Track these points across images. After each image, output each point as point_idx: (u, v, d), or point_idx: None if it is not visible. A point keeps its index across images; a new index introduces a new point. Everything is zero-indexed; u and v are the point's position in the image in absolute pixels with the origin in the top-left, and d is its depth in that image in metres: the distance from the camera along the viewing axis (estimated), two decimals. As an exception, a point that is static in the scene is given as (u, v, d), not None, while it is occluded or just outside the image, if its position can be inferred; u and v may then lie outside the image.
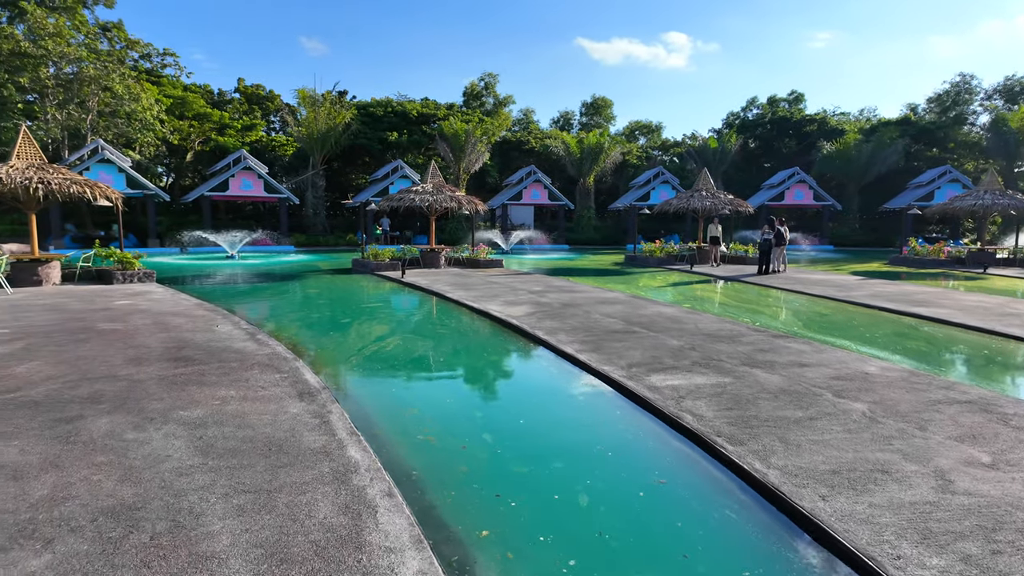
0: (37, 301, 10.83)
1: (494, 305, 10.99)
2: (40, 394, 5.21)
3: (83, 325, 8.51)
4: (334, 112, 36.13)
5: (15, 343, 7.26)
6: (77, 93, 30.23)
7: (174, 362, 6.45)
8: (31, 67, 28.61)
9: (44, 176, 12.53)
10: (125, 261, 14.33)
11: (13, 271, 13.02)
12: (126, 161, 30.30)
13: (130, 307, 10.26)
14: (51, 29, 28.88)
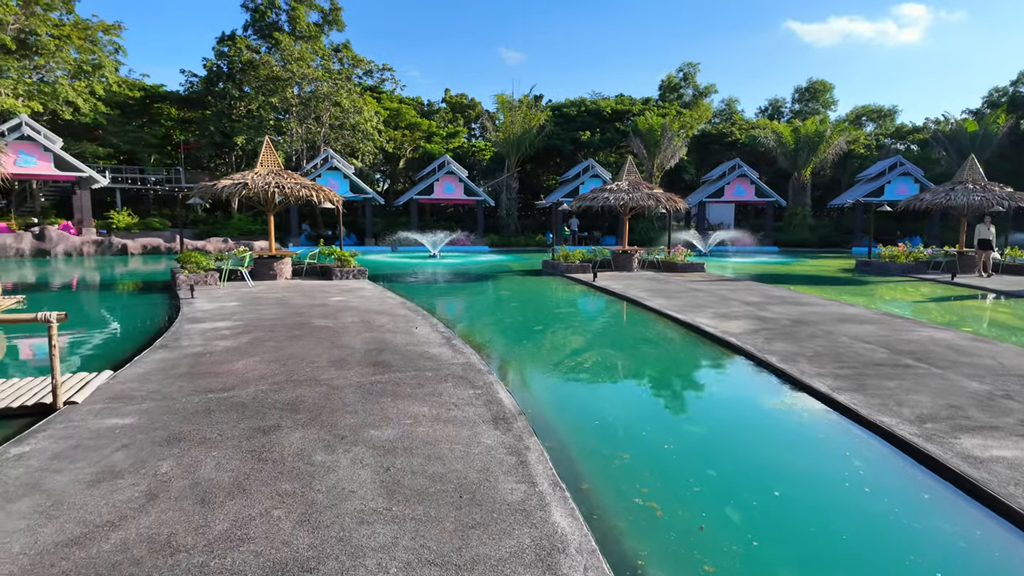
0: (270, 294, 11.94)
1: (703, 318, 9.53)
2: (248, 396, 5.20)
3: (300, 321, 8.96)
4: (529, 115, 36.64)
5: (242, 336, 7.75)
6: (314, 109, 34.54)
7: (372, 367, 6.23)
8: (281, 89, 33.29)
9: (280, 181, 13.94)
10: (343, 259, 15.48)
11: (256, 266, 14.73)
12: (350, 168, 33.84)
13: (342, 304, 10.76)
14: (297, 54, 33.32)
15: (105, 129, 32.44)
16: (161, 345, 7.20)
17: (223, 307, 10.23)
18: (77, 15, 31.03)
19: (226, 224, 31.04)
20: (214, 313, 9.58)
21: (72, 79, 29.61)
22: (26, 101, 27.40)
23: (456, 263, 23.58)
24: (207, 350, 6.94)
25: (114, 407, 4.86)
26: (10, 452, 3.93)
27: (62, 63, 28.66)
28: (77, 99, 28.74)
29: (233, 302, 10.81)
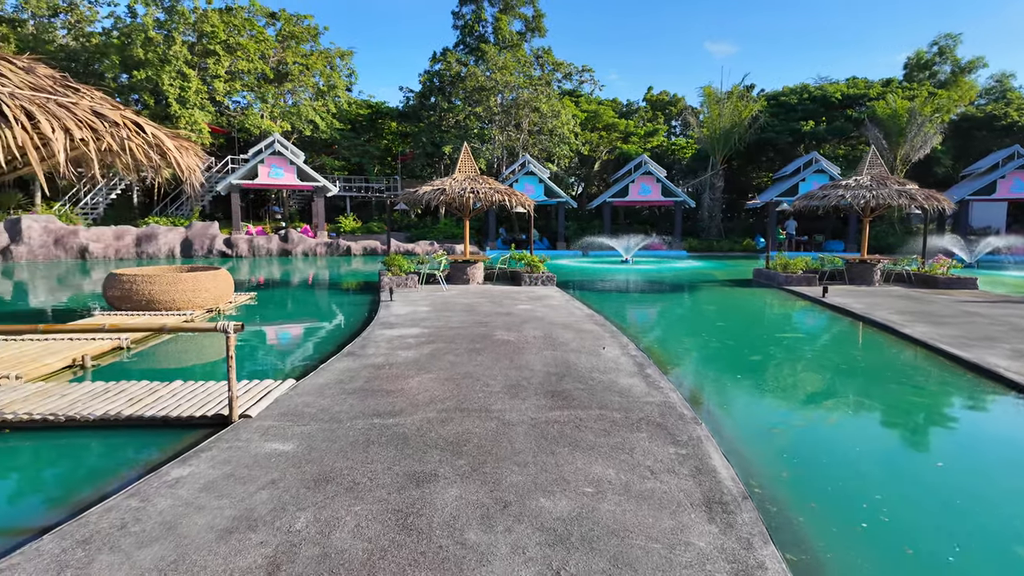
0: (460, 300, 11.81)
1: (998, 358, 6.98)
2: (413, 426, 4.59)
3: (484, 332, 8.44)
4: (739, 106, 33.31)
5: (425, 347, 7.39)
6: (514, 116, 35.34)
7: (551, 397, 5.30)
8: (485, 99, 34.62)
9: (475, 186, 13.89)
10: (532, 264, 15.02)
11: (452, 270, 14.92)
12: (545, 172, 33.96)
13: (527, 314, 10.11)
14: (500, 63, 34.37)
15: (339, 144, 36.80)
16: (348, 352, 7.11)
17: (415, 312, 10.22)
18: (319, 43, 35.66)
19: (433, 228, 33.13)
20: (405, 318, 9.54)
21: (312, 100, 34.03)
22: (279, 122, 32.09)
23: (650, 269, 21.98)
24: (388, 361, 6.64)
25: (280, 427, 4.57)
26: (171, 474, 3.71)
27: (305, 87, 33.07)
28: (316, 118, 32.93)
29: (425, 307, 10.79)
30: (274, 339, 9.18)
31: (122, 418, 4.76)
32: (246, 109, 32.64)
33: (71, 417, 4.72)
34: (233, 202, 27.77)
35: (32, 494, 3.96)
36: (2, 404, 4.97)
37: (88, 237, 23.49)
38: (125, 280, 9.57)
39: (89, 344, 7.22)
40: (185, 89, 26.95)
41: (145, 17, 27.09)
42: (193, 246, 25.27)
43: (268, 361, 7.65)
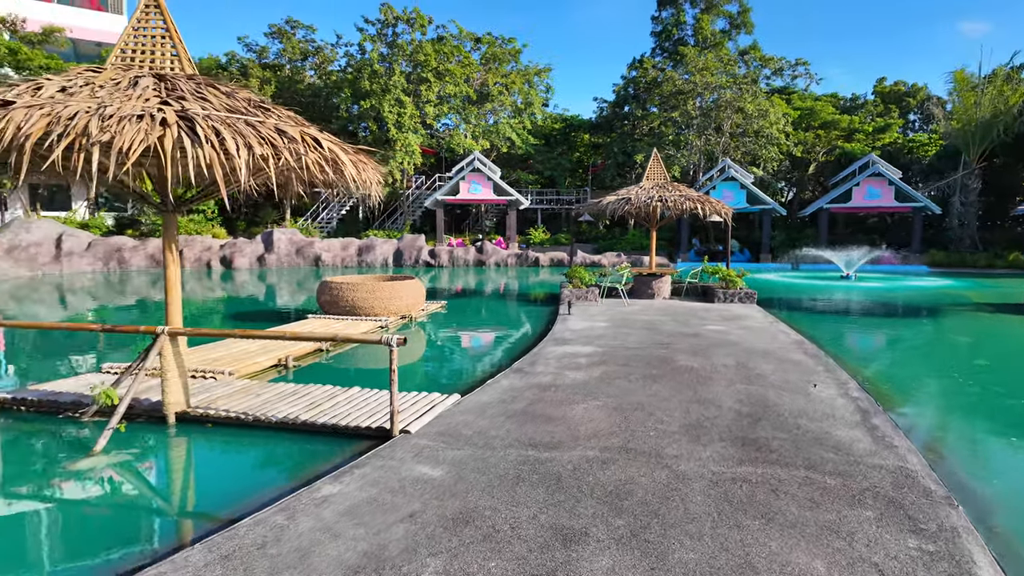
0: (641, 316, 11.00)
1: None
2: (570, 464, 4.05)
3: (664, 355, 7.60)
4: (1007, 90, 27.13)
5: (596, 368, 6.82)
6: (714, 119, 33.09)
7: (740, 446, 4.38)
8: (682, 103, 32.97)
9: (663, 194, 12.95)
10: (728, 279, 13.55)
11: (635, 284, 14.13)
12: (748, 178, 31.15)
13: (718, 336, 8.96)
14: (700, 65, 32.48)
15: (533, 158, 37.93)
16: (516, 369, 6.83)
17: (591, 328, 9.69)
18: (519, 62, 37.16)
19: (621, 239, 32.36)
20: (580, 334, 9.07)
21: (510, 117, 35.52)
22: (480, 140, 34.03)
23: (880, 288, 18.67)
24: (555, 382, 6.20)
25: (434, 448, 4.35)
26: (322, 491, 3.66)
27: (504, 106, 34.64)
28: (513, 135, 34.28)
29: (603, 322, 10.21)
30: (451, 348, 9.34)
31: (298, 422, 4.97)
32: (452, 130, 35.23)
33: (257, 417, 5.05)
34: (437, 216, 30.05)
35: (211, 488, 4.23)
36: (212, 399, 5.53)
37: (321, 247, 27.14)
38: (333, 287, 10.54)
39: (294, 345, 7.94)
40: (401, 115, 29.91)
41: (372, 53, 30.71)
42: (403, 256, 27.80)
43: (440, 371, 7.72)
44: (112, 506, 3.87)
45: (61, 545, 3.46)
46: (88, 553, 3.34)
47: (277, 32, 31.89)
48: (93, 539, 3.50)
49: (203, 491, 4.20)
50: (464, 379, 7.12)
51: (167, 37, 4.76)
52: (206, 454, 4.78)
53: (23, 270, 22.08)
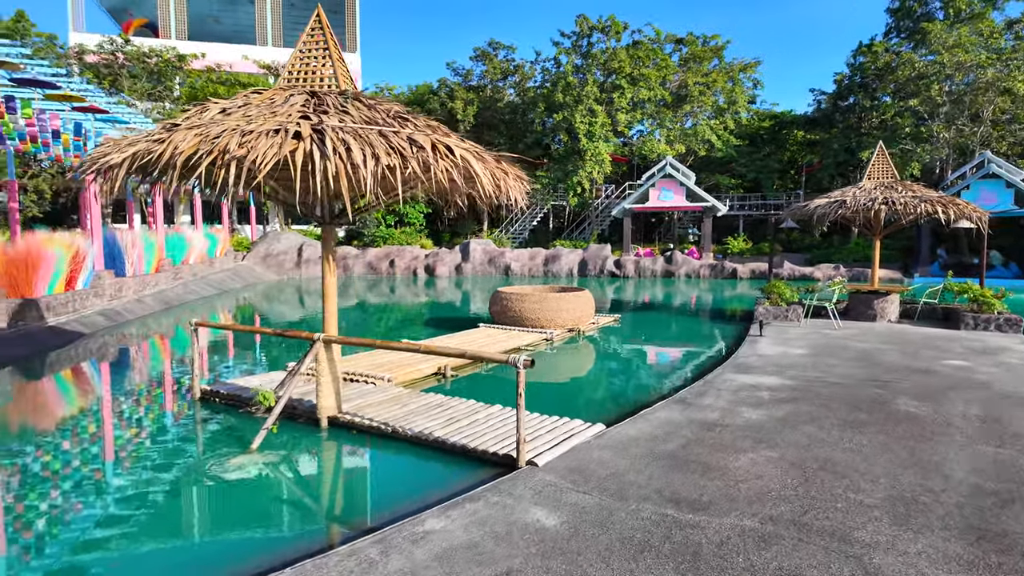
0: (854, 343, 9.15)
1: None
2: (715, 536, 3.23)
3: (877, 395, 6.09)
4: None
5: (780, 407, 5.67)
6: (968, 106, 27.27)
7: (975, 540, 3.14)
8: (924, 88, 27.76)
9: (889, 195, 10.72)
10: (981, 300, 10.75)
11: (851, 302, 11.97)
12: (1018, 174, 24.99)
13: (960, 375, 7.00)
14: (950, 42, 27.04)
15: (735, 160, 35.05)
16: (679, 399, 5.97)
17: (785, 354, 8.28)
18: (723, 58, 34.67)
19: (840, 249, 28.22)
20: (769, 362, 7.77)
21: (710, 118, 33.22)
22: (675, 145, 32.40)
23: None
24: (722, 420, 5.26)
25: (558, 488, 3.84)
26: (424, 525, 3.38)
27: (704, 107, 32.51)
28: (712, 137, 32.01)
29: (801, 348, 8.68)
30: (611, 368, 8.67)
31: (430, 439, 4.82)
32: (646, 136, 34.12)
33: (396, 429, 5.01)
34: (624, 225, 29.24)
35: (334, 500, 4.22)
36: (363, 405, 5.68)
37: (511, 257, 28.09)
38: (503, 298, 10.56)
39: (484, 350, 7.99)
40: (592, 124, 29.75)
41: (567, 65, 31.07)
42: (587, 266, 27.53)
43: (592, 393, 7.14)
44: (236, 507, 4.04)
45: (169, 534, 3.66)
46: (183, 549, 3.47)
47: (480, 55, 33.95)
48: (201, 534, 3.66)
49: (326, 503, 4.21)
50: (616, 405, 6.45)
51: (328, 57, 4.96)
52: (341, 463, 4.86)
53: (272, 275, 26.38)
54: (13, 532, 3.66)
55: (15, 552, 3.42)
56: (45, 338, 9.60)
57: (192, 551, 3.48)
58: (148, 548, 3.48)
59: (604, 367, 8.71)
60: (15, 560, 3.33)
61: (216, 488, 4.26)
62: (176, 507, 4.02)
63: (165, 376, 8.02)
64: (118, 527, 3.68)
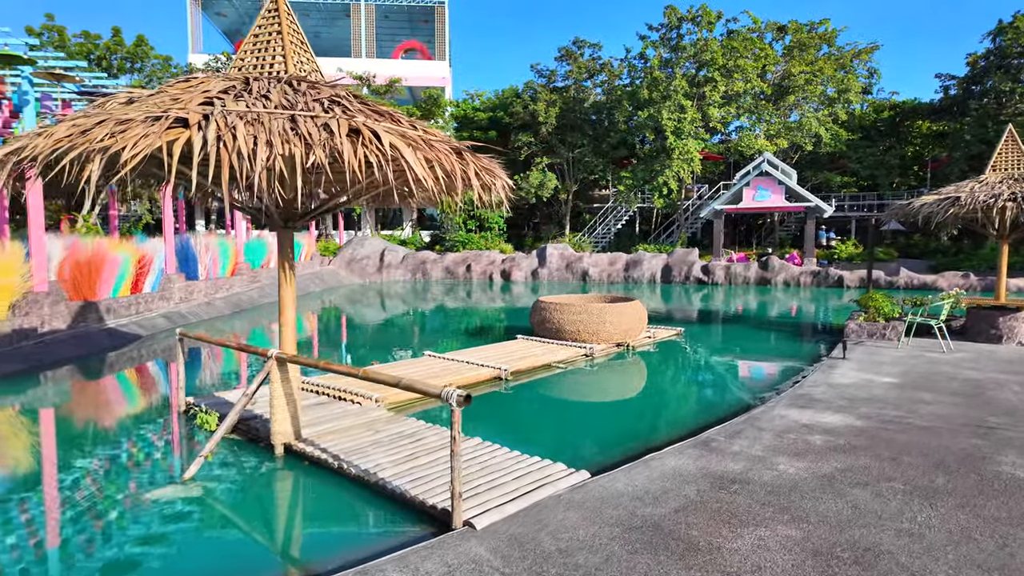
0: (963, 372, 7.39)
1: None
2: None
3: (973, 448, 4.63)
4: None
5: (831, 458, 4.41)
6: None
7: None
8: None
9: (1018, 190, 8.67)
10: None
11: (970, 319, 9.93)
12: None
13: (1107, 424, 5.27)
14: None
15: (846, 156, 31.66)
16: (702, 441, 4.87)
17: (867, 383, 6.78)
18: (834, 45, 31.46)
19: (973, 255, 24.49)
20: (841, 393, 6.35)
21: (817, 109, 30.15)
22: (776, 140, 29.74)
23: None
24: (745, 474, 4.13)
25: (478, 569, 2.99)
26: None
27: (810, 98, 29.57)
28: (820, 130, 29.03)
29: (888, 377, 7.10)
30: (645, 394, 7.51)
31: (372, 480, 4.11)
32: (742, 131, 31.66)
33: (341, 465, 4.36)
34: (715, 228, 27.15)
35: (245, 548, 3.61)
36: (325, 432, 5.09)
37: (589, 262, 26.95)
38: (542, 307, 9.70)
39: (471, 371, 7.27)
40: (681, 121, 27.94)
41: (653, 59, 29.47)
42: (672, 272, 25.80)
43: (605, 426, 6.10)
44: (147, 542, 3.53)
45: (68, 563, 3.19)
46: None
47: (565, 54, 33.09)
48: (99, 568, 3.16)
49: (225, 552, 3.61)
50: (627, 443, 5.40)
51: (279, 39, 4.43)
52: (273, 503, 4.25)
53: (356, 278, 27.05)
54: None
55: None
56: (100, 339, 9.98)
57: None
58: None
59: (637, 392, 7.57)
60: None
61: (120, 525, 3.79)
62: (65, 543, 3.58)
63: (172, 386, 7.89)
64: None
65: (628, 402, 7.05)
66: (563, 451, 4.98)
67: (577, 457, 4.80)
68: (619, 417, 6.47)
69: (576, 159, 32.88)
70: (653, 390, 7.61)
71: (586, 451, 5.17)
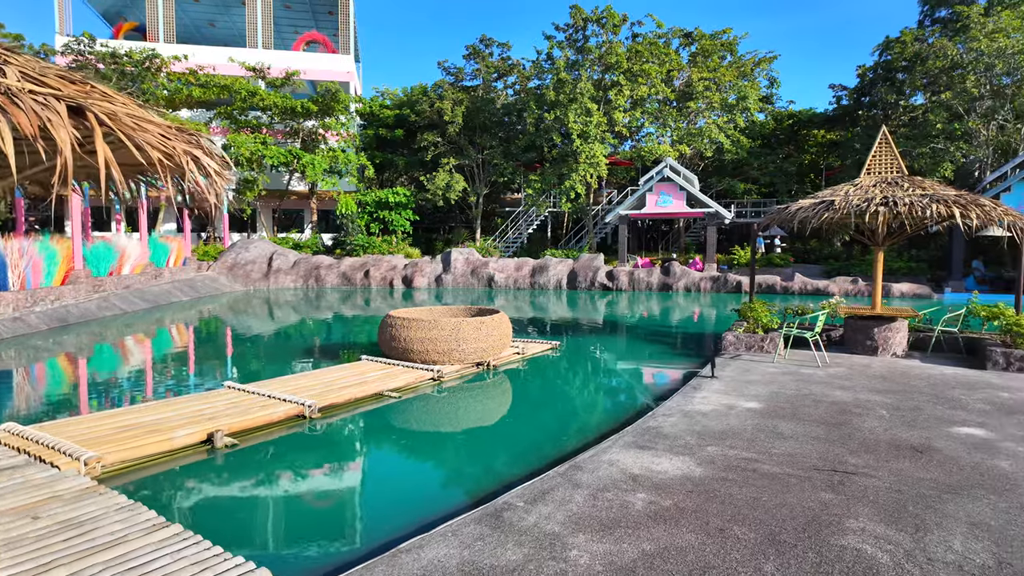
0: (833, 393, 6.71)
1: None
2: None
3: (821, 506, 3.73)
4: None
5: (647, 532, 3.37)
6: (1012, 98, 24.13)
7: None
8: (958, 80, 24.72)
9: (890, 193, 8.22)
10: (1015, 331, 8.16)
11: (848, 330, 9.47)
12: (1070, 174, 21.74)
13: (970, 459, 4.57)
14: (990, 27, 23.99)
15: (748, 163, 32.29)
16: (494, 511, 3.72)
17: (728, 410, 5.93)
18: (736, 53, 32.00)
19: (862, 260, 25.29)
20: (693, 426, 5.43)
21: (717, 116, 30.52)
22: (678, 146, 29.84)
23: None
24: (520, 572, 2.99)
25: None
26: None
27: (711, 103, 29.87)
28: (720, 136, 29.35)
29: (752, 402, 6.29)
30: (461, 432, 6.35)
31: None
32: (646, 137, 31.66)
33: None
34: (620, 233, 26.78)
35: None
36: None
37: (495, 268, 25.90)
38: (391, 324, 8.40)
39: (262, 410, 5.86)
40: (587, 124, 27.43)
41: (559, 60, 28.84)
42: (578, 278, 25.16)
43: (384, 488, 4.87)
44: None
45: None
46: None
47: (473, 52, 31.98)
48: None
49: None
50: (400, 516, 4.21)
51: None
52: None
53: (238, 286, 24.72)
54: None
55: None
56: None
57: None
58: None
59: (465, 430, 6.27)
60: None
61: None
62: None
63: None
64: None
65: (446, 446, 5.78)
66: (307, 535, 3.71)
67: (320, 549, 3.55)
68: (420, 471, 5.19)
69: (486, 161, 31.83)
70: (486, 427, 6.39)
71: (342, 531, 3.92)
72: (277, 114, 30.53)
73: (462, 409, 6.88)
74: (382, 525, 4.01)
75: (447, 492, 4.64)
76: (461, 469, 5.20)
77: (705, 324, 14.88)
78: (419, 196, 31.48)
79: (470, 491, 4.55)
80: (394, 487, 4.79)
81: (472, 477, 4.97)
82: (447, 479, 4.96)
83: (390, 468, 5.28)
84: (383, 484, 4.92)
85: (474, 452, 5.62)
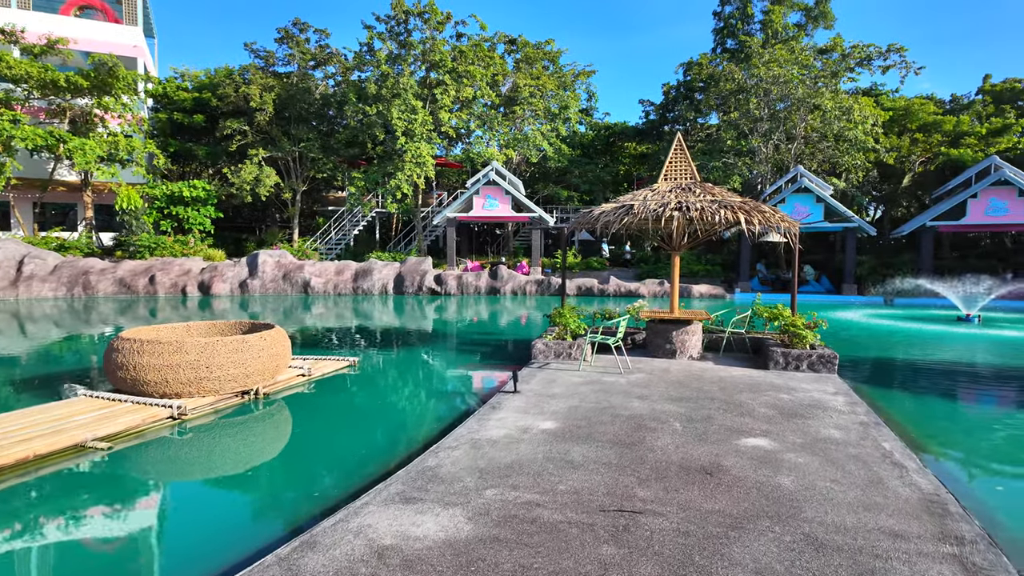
0: (631, 404, 6.36)
1: None
2: None
3: (607, 561, 3.04)
4: None
5: None
6: (784, 122, 27.68)
7: None
8: (743, 102, 27.77)
9: (684, 199, 8.28)
10: (792, 331, 8.65)
11: (649, 334, 9.47)
12: (827, 189, 25.47)
13: (756, 478, 4.28)
14: (767, 57, 27.26)
15: (569, 171, 33.54)
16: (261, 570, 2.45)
17: (522, 433, 5.21)
18: (557, 64, 33.03)
19: (667, 263, 27.30)
20: (478, 461, 4.60)
21: (541, 123, 31.28)
22: (505, 150, 29.99)
23: (1020, 336, 12.98)
24: None
25: None
26: None
27: (535, 110, 30.48)
28: (544, 143, 30.04)
29: (550, 421, 5.67)
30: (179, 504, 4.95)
31: None
32: (473, 139, 31.47)
33: None
34: (448, 236, 26.13)
35: None
36: None
37: (312, 272, 23.72)
38: (118, 348, 6.54)
39: None
40: (412, 122, 26.35)
41: (379, 52, 27.41)
42: (405, 282, 23.97)
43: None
44: None
45: None
46: None
47: (286, 36, 29.25)
48: None
49: None
50: None
51: None
52: None
53: (-29, 296, 19.74)
54: None
55: None
56: None
57: None
58: None
59: (172, 496, 4.68)
60: None
61: None
62: None
63: None
64: None
65: (130, 520, 4.19)
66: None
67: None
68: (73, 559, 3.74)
69: (303, 154, 29.25)
70: (214, 483, 4.89)
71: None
72: (35, 87, 25.21)
73: (197, 459, 5.36)
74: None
75: (175, 553, 3.25)
76: (138, 557, 3.79)
77: (523, 330, 14.58)
78: (224, 191, 27.96)
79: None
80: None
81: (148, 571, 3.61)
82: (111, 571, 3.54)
83: (34, 559, 3.71)
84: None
85: (176, 528, 4.18)
